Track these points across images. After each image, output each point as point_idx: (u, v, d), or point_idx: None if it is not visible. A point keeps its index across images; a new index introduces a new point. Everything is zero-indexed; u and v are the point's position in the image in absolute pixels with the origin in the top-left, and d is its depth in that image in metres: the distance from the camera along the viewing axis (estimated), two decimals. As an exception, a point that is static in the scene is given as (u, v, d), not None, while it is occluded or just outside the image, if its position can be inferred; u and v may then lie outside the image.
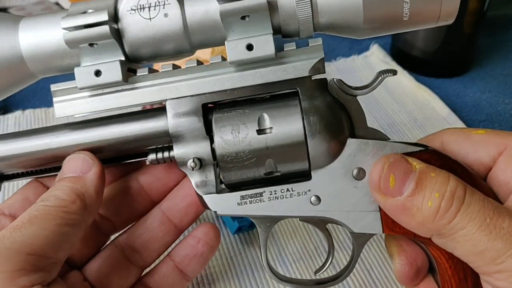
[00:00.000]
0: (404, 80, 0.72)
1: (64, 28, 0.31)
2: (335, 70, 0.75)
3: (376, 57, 0.77)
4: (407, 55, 0.74)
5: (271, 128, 0.33)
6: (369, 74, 0.73)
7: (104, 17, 0.31)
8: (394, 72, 0.34)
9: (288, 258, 0.50)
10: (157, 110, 0.35)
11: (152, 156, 0.35)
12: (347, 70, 0.75)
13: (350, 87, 0.34)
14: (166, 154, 0.35)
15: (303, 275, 0.48)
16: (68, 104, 0.34)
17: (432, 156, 0.33)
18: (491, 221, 0.29)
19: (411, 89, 0.71)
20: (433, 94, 0.69)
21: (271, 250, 0.50)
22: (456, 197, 0.30)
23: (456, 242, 0.30)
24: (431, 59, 0.73)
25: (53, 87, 0.34)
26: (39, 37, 0.33)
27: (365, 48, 0.78)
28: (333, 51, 0.78)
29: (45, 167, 0.36)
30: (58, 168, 0.35)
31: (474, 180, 0.33)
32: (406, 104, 0.68)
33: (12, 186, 0.55)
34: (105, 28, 0.31)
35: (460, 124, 0.64)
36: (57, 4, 0.95)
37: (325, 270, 0.39)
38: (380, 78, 0.34)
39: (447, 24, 0.32)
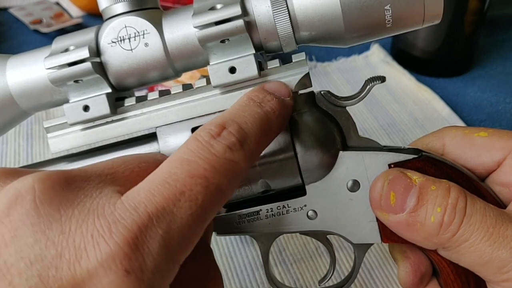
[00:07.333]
0: (404, 79, 0.72)
1: (48, 68, 0.31)
2: (335, 70, 0.75)
3: (377, 57, 0.77)
4: (407, 54, 0.74)
5: None
6: (370, 73, 0.73)
7: (86, 54, 0.31)
8: (382, 79, 0.33)
9: (289, 258, 0.50)
10: (150, 136, 0.35)
11: None
12: (347, 70, 0.75)
13: (339, 98, 0.34)
14: None
15: (303, 276, 0.48)
16: (62, 139, 0.34)
17: (426, 163, 0.33)
18: (494, 230, 0.29)
19: (412, 88, 0.71)
20: (433, 94, 0.69)
21: (271, 250, 0.50)
22: (458, 209, 0.29)
23: (460, 254, 0.30)
24: (432, 58, 0.73)
25: (46, 124, 0.34)
26: (26, 76, 0.33)
27: (365, 47, 0.78)
28: (333, 51, 0.78)
29: None
30: None
31: (473, 185, 0.32)
32: (407, 104, 0.68)
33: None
34: (88, 65, 0.31)
35: (461, 124, 0.64)
36: (57, 4, 0.95)
37: (328, 280, 0.39)
38: (368, 86, 0.33)
39: (434, 24, 0.31)
